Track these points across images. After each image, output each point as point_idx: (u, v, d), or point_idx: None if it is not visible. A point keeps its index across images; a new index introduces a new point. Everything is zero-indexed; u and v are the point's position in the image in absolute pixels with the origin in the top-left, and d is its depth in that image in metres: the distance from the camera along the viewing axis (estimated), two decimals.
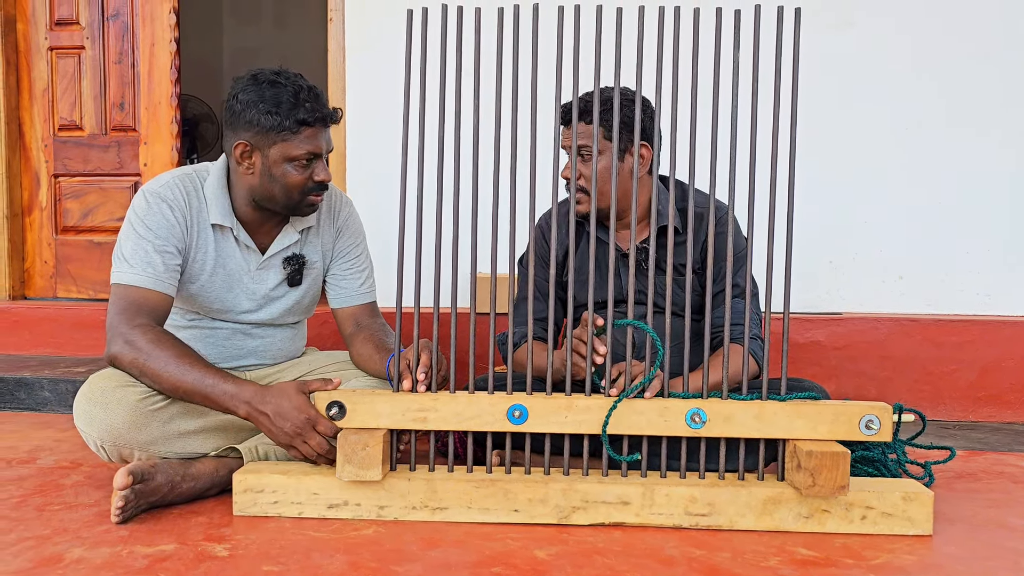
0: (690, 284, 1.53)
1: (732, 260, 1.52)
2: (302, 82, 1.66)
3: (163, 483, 1.51)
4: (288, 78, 1.66)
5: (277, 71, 1.67)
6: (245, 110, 1.64)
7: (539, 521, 1.50)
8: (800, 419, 1.49)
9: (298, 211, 1.74)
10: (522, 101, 2.75)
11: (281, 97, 1.63)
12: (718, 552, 1.38)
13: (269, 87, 1.64)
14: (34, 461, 1.91)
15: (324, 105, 1.67)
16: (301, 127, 1.64)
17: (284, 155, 1.65)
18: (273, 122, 1.63)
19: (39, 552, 1.35)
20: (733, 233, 1.53)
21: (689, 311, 1.53)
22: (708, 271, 1.55)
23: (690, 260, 1.53)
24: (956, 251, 2.66)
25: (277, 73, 1.66)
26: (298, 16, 5.45)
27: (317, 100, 1.66)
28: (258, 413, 1.51)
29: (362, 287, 1.90)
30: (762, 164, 2.42)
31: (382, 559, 1.33)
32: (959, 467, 1.93)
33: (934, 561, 1.36)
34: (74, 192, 3.23)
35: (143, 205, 1.68)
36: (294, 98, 1.63)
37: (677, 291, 1.79)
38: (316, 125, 1.65)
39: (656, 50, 1.51)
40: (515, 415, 1.51)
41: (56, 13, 3.19)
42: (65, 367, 2.69)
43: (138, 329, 1.56)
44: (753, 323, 1.72)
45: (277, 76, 1.66)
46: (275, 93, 1.63)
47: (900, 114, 2.66)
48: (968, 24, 2.62)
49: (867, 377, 2.53)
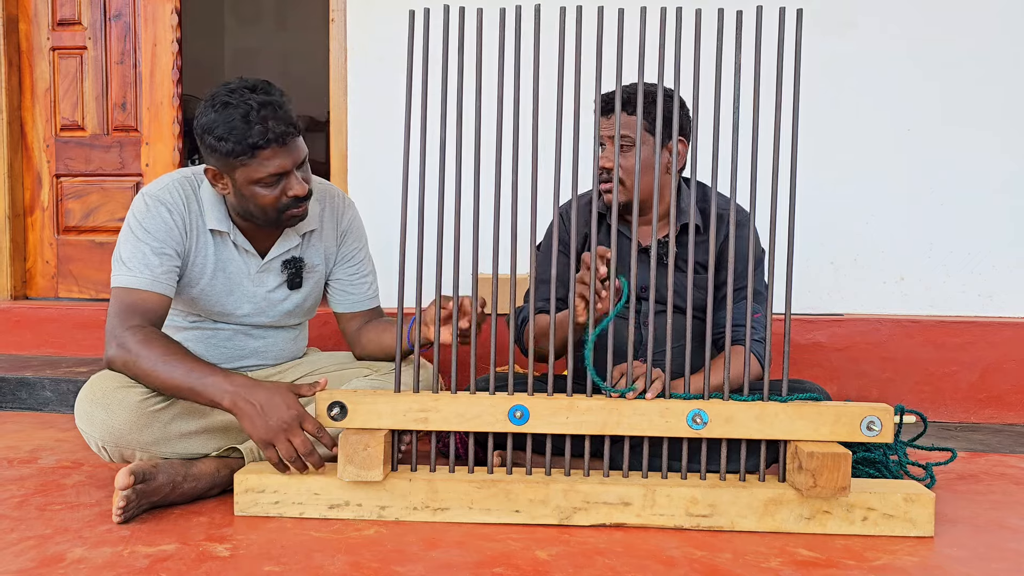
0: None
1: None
2: (254, 100, 1.55)
3: (164, 483, 1.51)
4: (241, 96, 1.56)
5: (233, 88, 1.58)
6: (204, 135, 1.59)
7: (540, 522, 1.50)
8: (801, 420, 1.49)
9: (280, 225, 1.71)
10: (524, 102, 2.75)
11: (232, 121, 1.55)
12: (719, 553, 1.38)
13: (222, 110, 1.56)
14: (36, 461, 1.91)
15: (281, 121, 1.56)
16: (256, 151, 1.56)
17: (248, 179, 1.60)
18: (227, 148, 1.56)
19: (41, 552, 1.35)
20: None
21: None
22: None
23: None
24: (957, 252, 2.66)
25: (232, 90, 1.57)
26: (300, 17, 5.45)
27: (274, 116, 1.56)
28: (245, 403, 1.48)
29: (368, 291, 1.91)
30: (764, 165, 2.42)
31: (383, 559, 1.33)
32: (960, 468, 1.93)
33: (935, 562, 1.36)
34: (76, 192, 3.23)
35: (142, 208, 1.67)
36: (244, 121, 1.54)
37: (694, 290, 1.79)
38: (271, 146, 1.57)
39: (658, 51, 1.51)
40: (516, 416, 1.51)
41: (58, 13, 3.19)
42: (67, 367, 2.69)
43: (129, 331, 1.57)
44: (760, 326, 1.71)
45: (231, 95, 1.56)
46: (226, 116, 1.55)
47: (901, 115, 2.66)
48: (969, 25, 2.62)
49: (868, 378, 2.53)
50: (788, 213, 1.51)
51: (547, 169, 2.28)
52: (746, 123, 3.05)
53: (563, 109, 1.52)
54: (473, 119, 1.53)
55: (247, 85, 1.59)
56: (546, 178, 2.48)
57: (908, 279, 2.68)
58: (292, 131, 1.59)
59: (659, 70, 1.51)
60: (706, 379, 1.52)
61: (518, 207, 1.55)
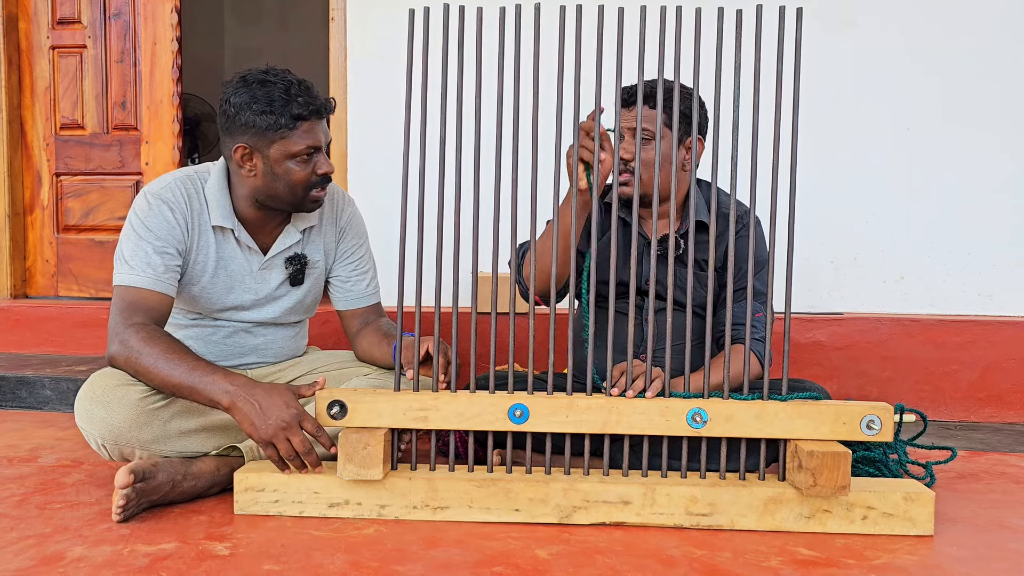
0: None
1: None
2: (291, 77, 1.64)
3: (164, 482, 1.51)
4: (277, 75, 1.64)
5: (265, 69, 1.65)
6: (239, 113, 1.63)
7: (540, 521, 1.50)
8: (801, 419, 1.49)
9: (303, 207, 1.73)
10: (523, 100, 2.75)
11: (273, 95, 1.61)
12: (719, 552, 1.38)
13: (260, 87, 1.62)
14: (35, 459, 1.91)
15: (317, 97, 1.65)
16: (297, 122, 1.63)
17: (284, 152, 1.65)
18: (268, 121, 1.61)
19: (40, 550, 1.35)
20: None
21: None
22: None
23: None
24: (957, 251, 2.66)
25: (265, 72, 1.65)
26: (300, 16, 5.44)
27: (309, 93, 1.64)
28: (244, 402, 1.48)
29: (368, 288, 1.91)
30: (763, 163, 2.42)
31: (383, 558, 1.33)
32: (960, 468, 1.93)
33: (935, 561, 1.36)
34: (75, 191, 3.23)
35: (144, 206, 1.68)
36: (286, 94, 1.61)
37: (698, 287, 1.79)
38: (311, 118, 1.64)
39: (658, 49, 1.51)
40: (516, 415, 1.51)
41: (58, 12, 3.19)
42: (66, 366, 2.69)
43: (132, 328, 1.57)
44: (760, 325, 1.71)
45: (265, 75, 1.64)
46: (266, 92, 1.61)
47: (901, 114, 2.66)
48: (968, 24, 2.62)
49: (868, 377, 2.53)
50: (788, 211, 1.51)
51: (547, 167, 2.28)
52: (746, 122, 3.05)
53: (563, 107, 1.52)
54: (474, 118, 1.53)
55: (277, 69, 1.66)
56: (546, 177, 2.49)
57: (908, 278, 2.68)
58: (329, 106, 1.68)
59: (659, 67, 1.51)
60: (706, 377, 1.52)
61: (518, 206, 1.55)
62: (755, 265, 1.72)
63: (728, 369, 1.53)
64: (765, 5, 1.52)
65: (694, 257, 1.51)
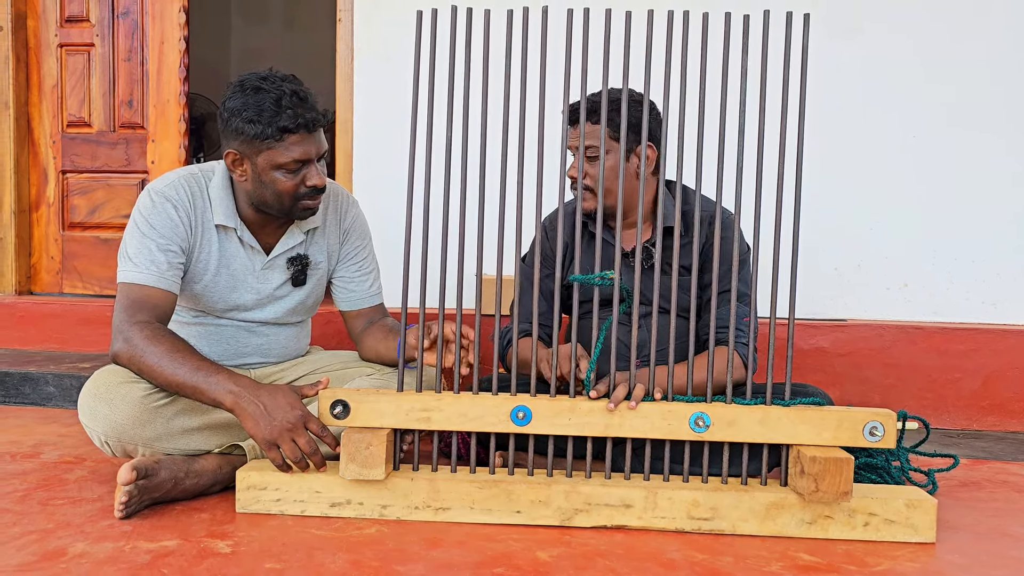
0: (694, 285, 1.54)
1: (733, 264, 1.52)
2: (287, 87, 1.60)
3: (166, 479, 1.51)
4: (273, 82, 1.60)
5: (264, 76, 1.62)
6: (231, 118, 1.61)
7: (541, 523, 1.50)
8: (804, 425, 1.49)
9: (294, 215, 1.72)
10: (530, 103, 2.76)
11: (263, 104, 1.58)
12: (720, 557, 1.38)
13: (253, 94, 1.59)
14: (38, 456, 1.91)
15: (310, 108, 1.61)
16: (284, 134, 1.59)
17: (271, 163, 1.62)
18: (256, 130, 1.59)
19: (42, 546, 1.35)
20: (737, 239, 1.53)
21: (693, 312, 1.54)
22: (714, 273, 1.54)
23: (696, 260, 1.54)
24: (961, 259, 2.66)
25: (263, 78, 1.61)
26: (307, 17, 5.45)
27: (303, 104, 1.60)
28: (249, 403, 1.48)
29: (371, 289, 1.91)
30: (769, 170, 2.42)
31: (384, 558, 1.33)
32: (963, 475, 1.92)
33: (937, 569, 1.36)
34: (81, 188, 3.24)
35: (148, 204, 1.68)
36: (276, 104, 1.57)
37: (680, 292, 1.79)
38: (299, 131, 1.60)
39: (664, 54, 1.51)
40: (519, 416, 1.51)
41: (66, 10, 3.20)
42: (70, 363, 2.70)
43: (136, 326, 1.57)
44: (746, 329, 1.71)
45: (262, 81, 1.60)
46: (258, 100, 1.58)
47: (906, 121, 2.66)
48: (974, 30, 2.62)
49: (871, 384, 2.53)
50: (793, 218, 1.51)
51: (553, 168, 2.28)
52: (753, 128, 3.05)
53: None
54: (480, 120, 1.54)
55: (278, 75, 1.63)
56: (551, 178, 2.49)
57: (912, 285, 2.68)
58: (320, 120, 1.63)
59: (666, 73, 1.51)
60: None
61: (523, 208, 1.55)
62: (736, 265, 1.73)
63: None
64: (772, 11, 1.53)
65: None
